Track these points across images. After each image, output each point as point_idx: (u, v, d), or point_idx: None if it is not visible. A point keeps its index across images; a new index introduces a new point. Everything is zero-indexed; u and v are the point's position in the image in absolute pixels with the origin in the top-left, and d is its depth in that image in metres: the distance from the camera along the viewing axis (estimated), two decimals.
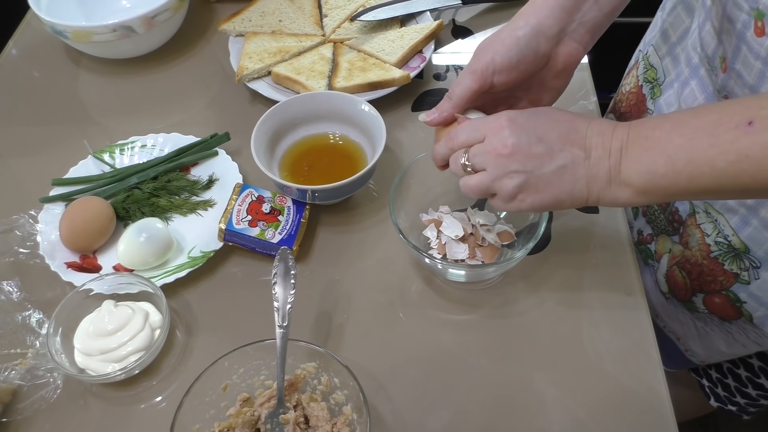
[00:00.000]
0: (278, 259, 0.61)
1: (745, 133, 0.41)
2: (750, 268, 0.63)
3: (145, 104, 0.90)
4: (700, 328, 0.76)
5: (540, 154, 0.50)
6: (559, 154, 0.49)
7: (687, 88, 0.65)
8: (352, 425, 0.55)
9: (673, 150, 0.44)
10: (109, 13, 0.95)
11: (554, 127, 0.50)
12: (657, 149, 0.45)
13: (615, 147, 0.48)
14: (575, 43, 0.56)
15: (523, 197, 0.51)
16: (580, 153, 0.49)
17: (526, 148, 0.50)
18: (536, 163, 0.50)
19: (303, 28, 0.94)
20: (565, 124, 0.51)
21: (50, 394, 0.61)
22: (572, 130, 0.50)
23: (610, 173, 0.48)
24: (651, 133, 0.46)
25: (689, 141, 0.44)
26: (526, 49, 0.54)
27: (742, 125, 0.41)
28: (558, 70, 0.57)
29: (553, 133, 0.50)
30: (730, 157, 0.42)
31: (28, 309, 0.67)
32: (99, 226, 0.70)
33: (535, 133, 0.50)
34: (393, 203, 0.64)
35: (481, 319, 0.65)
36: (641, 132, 0.47)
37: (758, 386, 0.82)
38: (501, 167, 0.51)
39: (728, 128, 0.42)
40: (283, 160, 0.76)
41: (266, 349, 0.57)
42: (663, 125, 0.46)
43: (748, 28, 0.52)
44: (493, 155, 0.51)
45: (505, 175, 0.51)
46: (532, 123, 0.51)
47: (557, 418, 0.59)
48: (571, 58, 0.57)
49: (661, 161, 0.45)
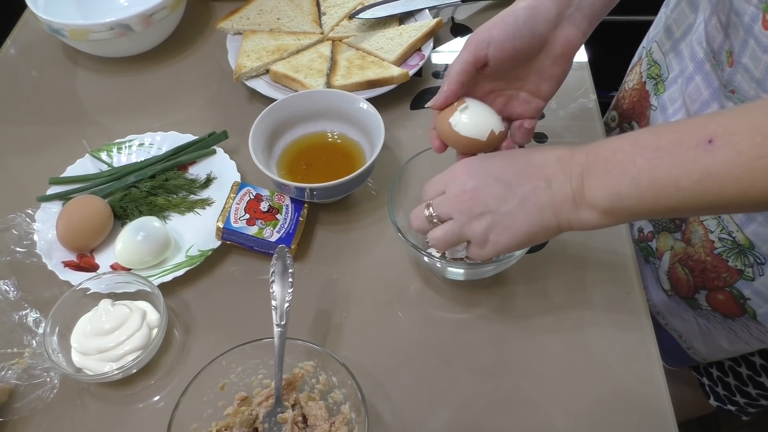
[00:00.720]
0: (276, 258, 0.61)
1: (705, 152, 0.41)
2: (755, 264, 0.63)
3: (142, 103, 0.89)
4: (703, 326, 0.75)
5: (500, 192, 0.51)
6: (518, 189, 0.50)
7: (692, 83, 0.65)
8: (351, 424, 0.55)
9: (636, 171, 0.44)
10: (107, 12, 0.95)
11: (510, 165, 0.52)
12: (619, 171, 0.45)
13: (575, 172, 0.48)
14: (573, 29, 0.56)
15: (496, 238, 0.51)
16: (540, 183, 0.50)
17: (485, 190, 0.51)
18: (498, 201, 0.51)
19: (301, 26, 0.94)
20: (520, 160, 0.52)
21: (47, 394, 0.61)
22: (528, 164, 0.51)
23: (574, 197, 0.48)
24: (612, 156, 0.46)
25: (651, 161, 0.44)
26: (523, 28, 0.54)
27: (702, 144, 0.41)
28: (556, 56, 0.57)
29: (509, 171, 0.51)
30: (693, 176, 0.42)
31: (24, 308, 0.66)
32: (96, 224, 0.70)
33: (491, 174, 0.51)
34: (391, 202, 0.64)
35: (480, 317, 0.65)
36: (601, 155, 0.47)
37: (759, 385, 0.81)
38: (466, 212, 0.52)
39: (689, 147, 0.42)
40: (282, 158, 0.76)
41: (264, 348, 0.57)
42: (623, 147, 0.46)
43: (756, 21, 0.52)
44: (456, 202, 0.52)
45: (471, 219, 0.52)
46: (487, 165, 0.52)
47: (556, 417, 0.58)
48: (569, 43, 0.56)
49: (625, 182, 0.45)
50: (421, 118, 0.84)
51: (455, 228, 0.53)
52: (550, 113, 0.82)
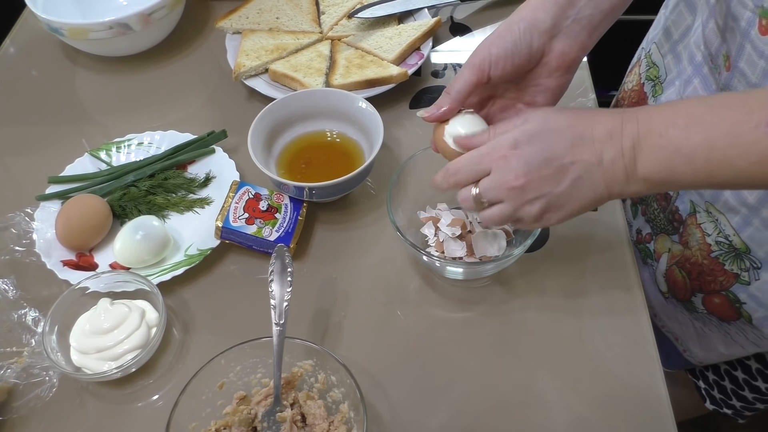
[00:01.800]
0: (275, 257, 0.61)
1: (766, 135, 0.40)
2: (750, 268, 0.63)
3: (141, 102, 0.89)
4: (699, 329, 0.75)
5: (552, 174, 0.49)
6: (570, 168, 0.49)
7: (690, 86, 0.64)
8: (349, 423, 0.55)
9: (691, 150, 0.44)
10: (106, 11, 0.95)
11: (558, 141, 0.49)
12: (673, 148, 0.45)
13: (627, 146, 0.47)
14: (570, 41, 0.55)
15: (549, 216, 0.51)
16: (592, 159, 0.48)
17: (537, 174, 0.49)
18: (552, 184, 0.49)
19: (300, 26, 0.94)
20: (567, 132, 0.49)
21: (46, 393, 0.61)
22: (577, 137, 0.49)
23: (626, 172, 0.48)
24: (664, 130, 0.45)
25: (707, 141, 0.43)
26: (520, 43, 0.54)
27: (762, 125, 0.40)
28: (551, 69, 0.56)
29: (558, 147, 0.49)
30: (752, 158, 0.41)
31: (23, 307, 0.66)
32: (95, 223, 0.70)
33: (541, 154, 0.49)
34: (391, 201, 0.64)
35: (479, 316, 0.65)
36: (653, 128, 0.46)
37: (755, 389, 0.81)
38: (518, 198, 0.51)
39: (748, 128, 0.41)
40: (281, 157, 0.76)
41: (263, 347, 0.57)
42: (676, 121, 0.45)
43: (752, 26, 0.52)
44: (506, 189, 0.50)
45: (524, 203, 0.51)
46: (534, 145, 0.50)
47: (555, 417, 0.58)
48: (564, 56, 0.55)
49: (679, 160, 0.44)
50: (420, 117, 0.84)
51: (507, 211, 0.52)
52: None
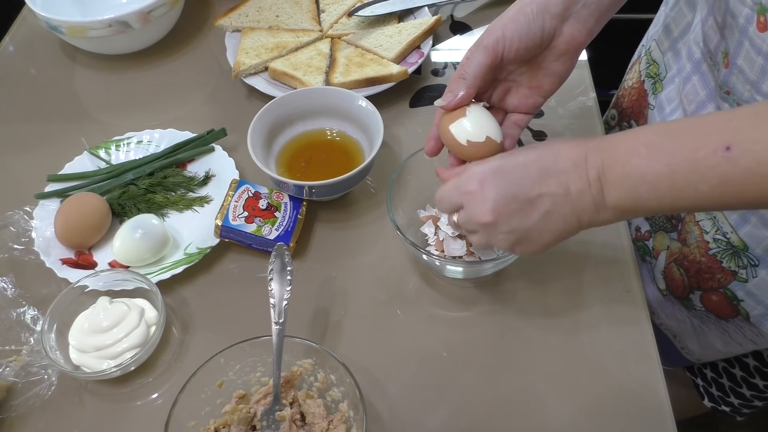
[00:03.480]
0: (274, 256, 0.61)
1: (724, 159, 0.41)
2: (748, 266, 0.63)
3: (141, 100, 0.89)
4: (697, 326, 0.75)
5: (520, 209, 0.50)
6: (538, 202, 0.49)
7: (689, 83, 0.64)
8: (349, 422, 0.55)
9: (654, 177, 0.44)
10: (105, 9, 0.94)
11: (524, 176, 0.50)
12: (637, 177, 0.45)
13: (593, 176, 0.48)
14: (579, 25, 0.55)
15: (522, 248, 0.52)
16: (559, 191, 0.49)
17: (504, 210, 0.50)
18: (520, 219, 0.50)
19: (300, 24, 0.93)
20: (532, 165, 0.50)
21: (45, 391, 0.61)
22: (543, 171, 0.49)
23: (595, 202, 0.48)
24: (627, 159, 0.46)
25: (668, 167, 0.44)
26: (533, 25, 0.54)
27: (719, 150, 0.41)
28: (559, 52, 0.56)
29: (525, 182, 0.50)
30: (712, 181, 0.42)
31: (22, 305, 0.66)
32: (94, 222, 0.70)
33: (508, 189, 0.50)
34: (390, 200, 0.64)
35: (478, 315, 0.65)
36: (617, 158, 0.47)
37: (752, 386, 0.81)
38: (489, 233, 0.52)
39: (706, 153, 0.42)
40: (280, 156, 0.76)
41: (262, 346, 0.57)
42: (638, 150, 0.45)
43: (750, 22, 0.52)
44: (477, 224, 0.52)
45: (497, 235, 0.52)
46: (501, 181, 0.50)
47: (555, 415, 0.58)
48: (573, 40, 0.56)
49: (644, 187, 0.45)
50: (420, 116, 0.84)
51: (483, 241, 0.54)
52: (550, 111, 0.82)
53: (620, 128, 0.83)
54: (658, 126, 0.48)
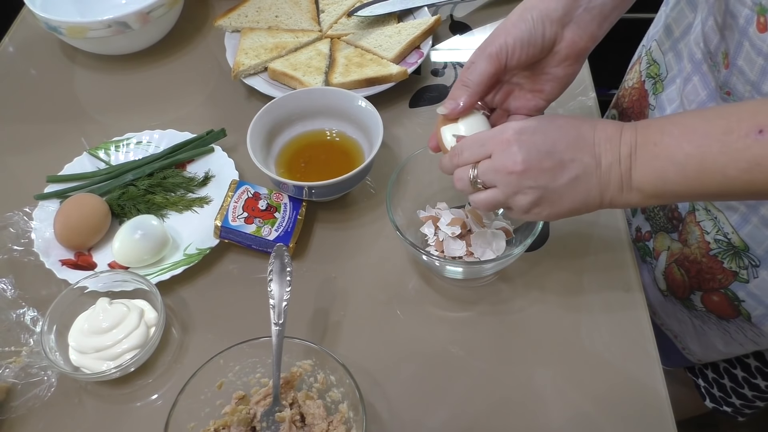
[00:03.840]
0: (274, 256, 0.61)
1: (755, 142, 0.41)
2: (749, 266, 0.63)
3: (140, 101, 0.89)
4: (698, 327, 0.75)
5: (551, 167, 0.49)
6: (570, 165, 0.49)
7: (689, 84, 0.64)
8: (349, 423, 0.55)
9: (683, 157, 0.44)
10: (104, 9, 0.94)
11: (561, 137, 0.50)
12: (667, 156, 0.45)
13: (624, 153, 0.48)
14: (580, 30, 0.55)
15: (539, 210, 0.52)
16: (591, 161, 0.49)
17: (537, 164, 0.49)
18: (549, 177, 0.49)
19: (300, 24, 0.93)
20: (572, 131, 0.50)
21: (44, 393, 0.61)
22: (580, 138, 0.50)
23: (621, 180, 0.48)
24: (660, 138, 0.46)
25: (699, 149, 0.44)
26: (534, 32, 0.54)
27: (752, 133, 0.41)
28: (560, 58, 0.56)
29: (561, 143, 0.50)
30: (741, 165, 0.42)
31: (22, 307, 0.66)
32: (94, 223, 0.70)
33: (544, 145, 0.50)
34: (390, 200, 0.64)
35: (478, 316, 0.65)
36: (649, 137, 0.47)
37: (754, 387, 0.81)
38: (513, 185, 0.51)
39: (738, 136, 0.42)
40: (280, 156, 0.76)
41: (262, 347, 0.57)
42: (671, 131, 0.46)
43: (750, 23, 0.52)
44: (504, 173, 0.51)
45: (518, 191, 0.51)
46: (539, 136, 0.50)
47: (555, 416, 0.58)
48: (574, 45, 0.56)
49: (672, 169, 0.45)
50: (420, 116, 0.84)
51: (499, 197, 0.52)
52: (550, 111, 0.80)
53: None
54: (695, 111, 0.48)
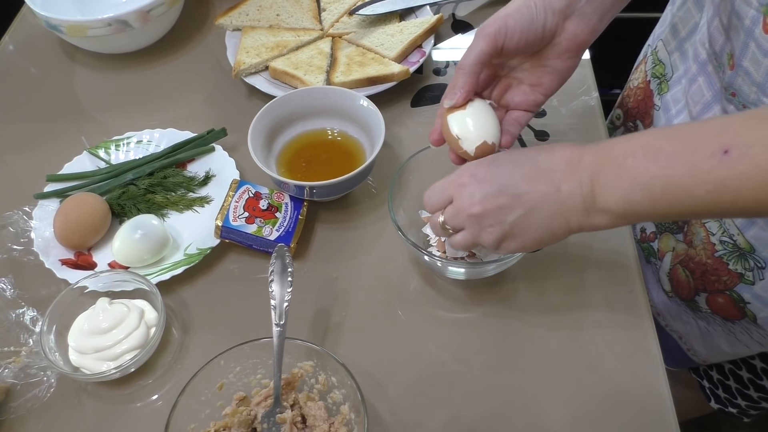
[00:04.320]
0: (275, 257, 0.60)
1: (721, 163, 0.40)
2: (755, 268, 0.63)
3: (140, 99, 0.89)
4: (703, 328, 0.75)
5: (507, 203, 0.50)
6: (525, 197, 0.49)
7: (694, 84, 0.64)
8: (350, 424, 0.54)
9: (649, 179, 0.44)
10: (105, 8, 0.93)
11: (515, 171, 0.50)
12: (631, 178, 0.45)
13: (585, 176, 0.47)
14: (582, 23, 0.55)
15: (507, 245, 0.52)
16: (549, 189, 0.49)
17: (492, 202, 0.50)
18: (506, 212, 0.50)
19: (301, 23, 0.93)
20: (526, 164, 0.50)
21: (44, 393, 0.60)
22: (535, 168, 0.50)
23: (584, 203, 0.48)
24: (623, 161, 0.45)
25: (664, 170, 0.43)
26: (536, 19, 0.54)
27: (717, 154, 0.41)
28: (561, 50, 0.56)
29: (515, 177, 0.50)
30: (708, 186, 0.41)
31: (21, 306, 0.66)
32: (94, 222, 0.70)
33: (497, 182, 0.50)
34: (392, 200, 0.64)
35: (480, 317, 0.65)
36: (611, 159, 0.46)
37: (760, 388, 0.81)
38: (476, 225, 0.52)
39: (703, 156, 0.41)
40: (281, 156, 0.76)
41: (263, 348, 0.56)
42: (634, 152, 0.45)
43: (756, 24, 0.51)
44: (465, 216, 0.52)
45: (482, 229, 0.52)
46: (492, 173, 0.51)
47: (557, 417, 0.58)
48: (575, 37, 0.55)
49: (637, 190, 0.44)
50: (422, 115, 0.83)
51: (468, 237, 0.53)
52: (552, 111, 0.82)
53: (625, 128, 0.83)
54: (657, 130, 0.47)
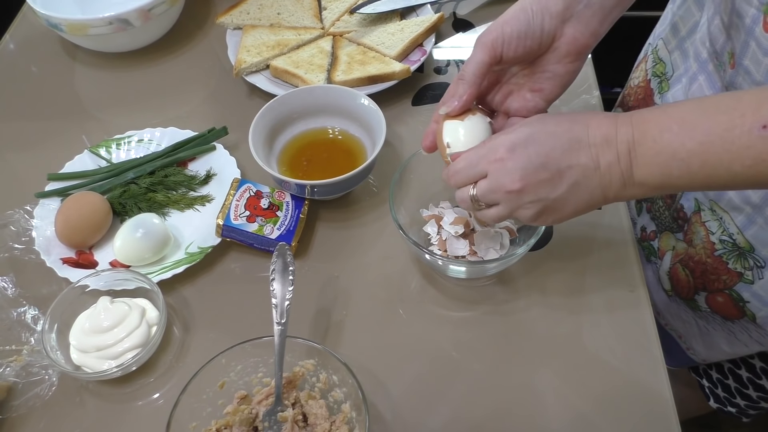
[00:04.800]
0: (276, 255, 0.60)
1: (760, 138, 0.41)
2: (754, 267, 0.63)
3: (141, 98, 0.89)
4: (702, 327, 0.75)
5: (549, 178, 0.49)
6: (567, 173, 0.49)
7: (695, 83, 0.64)
8: (351, 423, 0.54)
9: (686, 155, 0.44)
10: (105, 6, 0.93)
11: (554, 144, 0.49)
12: (669, 153, 0.45)
13: (623, 150, 0.47)
14: (581, 26, 0.55)
15: (545, 218, 0.52)
16: (589, 163, 0.48)
17: (534, 178, 0.49)
18: (548, 189, 0.49)
19: (302, 21, 0.93)
20: (564, 135, 0.49)
21: (45, 391, 0.60)
22: (573, 141, 0.49)
23: (623, 177, 0.48)
24: (659, 135, 0.45)
25: (702, 146, 0.43)
26: (533, 24, 0.54)
27: (756, 129, 0.41)
28: (561, 54, 0.56)
29: (555, 150, 0.49)
30: (746, 162, 0.42)
31: (23, 305, 0.66)
32: (95, 221, 0.70)
33: (538, 158, 0.49)
34: (393, 199, 0.64)
35: (481, 316, 0.65)
36: (647, 133, 0.46)
37: (759, 387, 0.81)
38: (514, 201, 0.51)
39: (741, 132, 0.41)
40: (282, 154, 0.76)
41: (264, 346, 0.57)
42: (670, 127, 0.45)
43: (756, 23, 0.51)
44: (503, 192, 0.51)
45: (521, 206, 0.51)
46: (531, 147, 0.50)
47: (557, 416, 0.58)
48: (575, 41, 0.55)
49: (675, 165, 0.45)
50: (423, 114, 0.83)
51: (504, 212, 0.52)
52: (553, 109, 0.80)
53: None
54: (691, 103, 0.47)
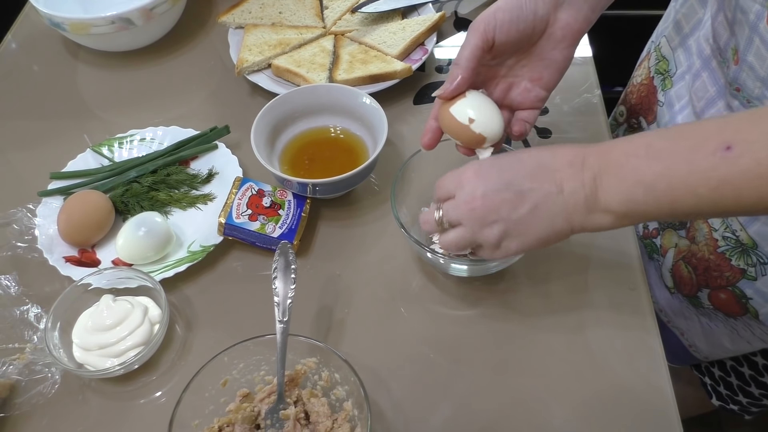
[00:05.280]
0: (278, 254, 0.60)
1: (723, 159, 0.41)
2: (757, 264, 0.63)
3: (143, 97, 0.89)
4: (705, 324, 0.75)
5: (511, 198, 0.49)
6: (529, 194, 0.49)
7: (698, 80, 0.64)
8: (353, 421, 0.54)
9: (652, 178, 0.44)
10: (108, 5, 0.93)
11: (519, 168, 0.50)
12: (634, 178, 0.45)
13: (588, 176, 0.47)
14: (574, 12, 0.55)
15: (507, 244, 0.51)
16: (552, 188, 0.49)
17: (495, 196, 0.50)
18: (509, 208, 0.50)
19: (303, 20, 0.93)
20: (529, 161, 0.50)
21: (48, 390, 0.61)
22: (538, 166, 0.50)
23: (587, 203, 0.48)
24: (625, 160, 0.46)
25: (667, 169, 0.43)
26: (526, 9, 0.54)
27: (719, 150, 0.41)
28: (557, 40, 0.56)
29: (519, 174, 0.50)
30: (711, 183, 0.42)
31: (26, 303, 0.66)
32: (97, 220, 0.70)
33: (501, 178, 0.50)
34: (394, 197, 0.64)
35: (483, 314, 0.65)
36: (613, 159, 0.46)
37: (761, 385, 0.81)
38: (477, 220, 0.51)
39: (706, 154, 0.41)
40: (284, 153, 0.76)
41: (266, 345, 0.57)
42: (637, 152, 0.45)
43: (761, 19, 0.51)
44: (466, 209, 0.51)
45: (483, 226, 0.51)
46: (496, 169, 0.51)
47: (559, 414, 0.58)
48: (569, 26, 0.55)
49: (640, 190, 0.45)
50: (425, 113, 0.83)
51: (466, 235, 0.53)
52: (555, 108, 0.82)
53: (628, 125, 0.83)
54: (657, 131, 0.48)
